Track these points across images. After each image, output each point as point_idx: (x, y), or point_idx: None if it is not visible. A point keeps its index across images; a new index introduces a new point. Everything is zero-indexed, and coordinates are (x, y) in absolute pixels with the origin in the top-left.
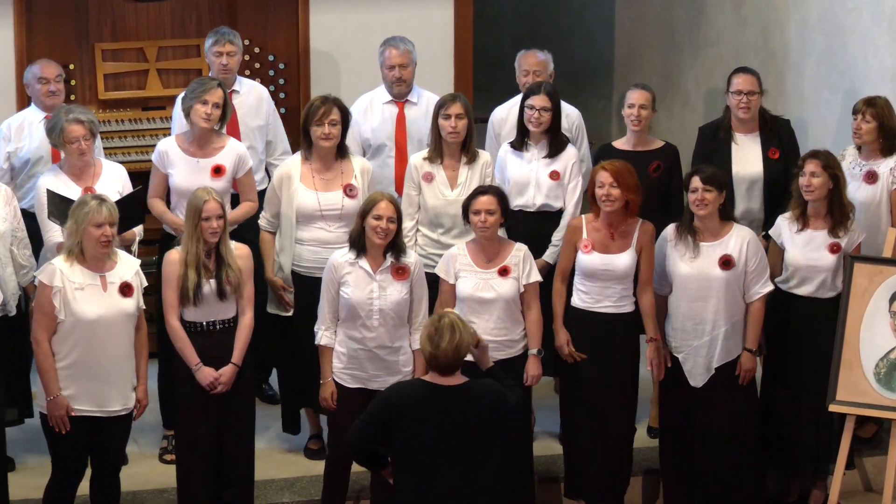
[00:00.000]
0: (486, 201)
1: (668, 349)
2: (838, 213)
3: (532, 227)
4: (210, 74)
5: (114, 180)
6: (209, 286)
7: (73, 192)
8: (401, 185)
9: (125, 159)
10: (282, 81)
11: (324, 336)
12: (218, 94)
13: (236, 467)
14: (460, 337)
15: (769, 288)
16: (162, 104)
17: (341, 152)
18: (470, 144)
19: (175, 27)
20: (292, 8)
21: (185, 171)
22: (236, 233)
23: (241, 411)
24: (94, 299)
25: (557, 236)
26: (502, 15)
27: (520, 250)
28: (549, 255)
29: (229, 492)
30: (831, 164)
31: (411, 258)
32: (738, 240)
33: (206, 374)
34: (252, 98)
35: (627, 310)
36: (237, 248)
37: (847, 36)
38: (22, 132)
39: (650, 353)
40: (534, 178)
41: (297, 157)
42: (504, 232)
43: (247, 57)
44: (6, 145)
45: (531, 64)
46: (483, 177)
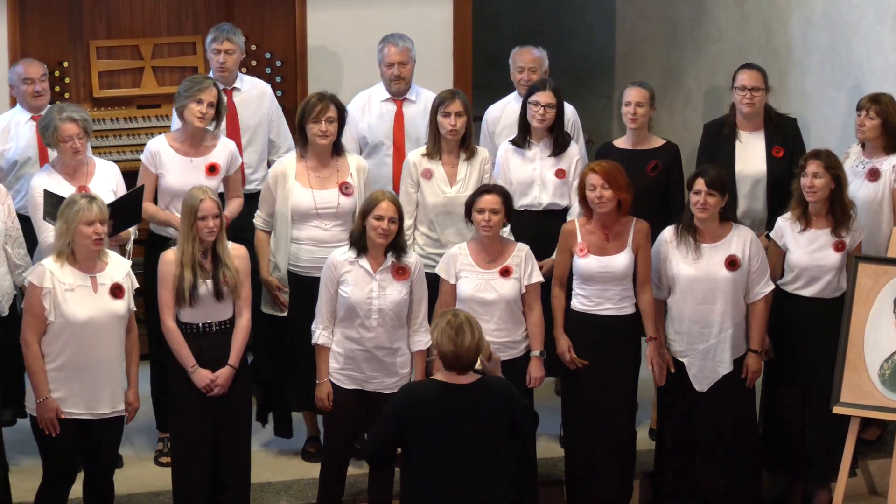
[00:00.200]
0: (490, 200)
1: (669, 353)
2: (840, 212)
3: (538, 227)
4: (211, 72)
5: (107, 179)
6: (205, 287)
7: (67, 192)
8: (398, 183)
9: (120, 158)
10: (279, 79)
11: (321, 335)
12: (213, 93)
13: (232, 470)
14: (480, 333)
15: (770, 287)
16: (157, 102)
17: (337, 150)
18: (469, 141)
19: (171, 24)
20: (289, 5)
21: (178, 171)
22: (234, 233)
23: (237, 414)
24: (84, 301)
25: None
26: (502, 12)
27: (521, 250)
28: None
29: (225, 495)
30: (833, 165)
31: (412, 258)
32: (740, 240)
33: (202, 377)
34: (253, 95)
35: (629, 311)
36: (234, 248)
37: (851, 33)
38: (8, 133)
39: (650, 352)
40: (538, 177)
41: (292, 154)
42: (509, 231)
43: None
44: None
45: (526, 61)
46: (482, 173)
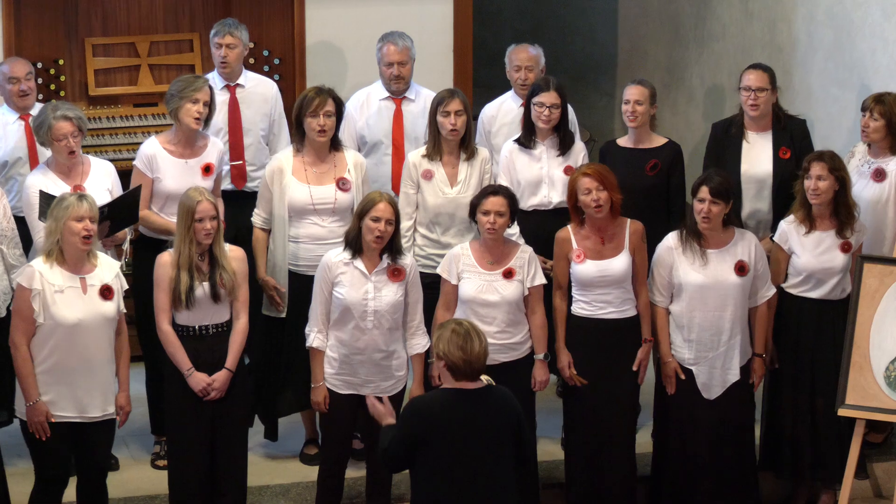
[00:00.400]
0: (496, 202)
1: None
2: (844, 213)
3: (549, 226)
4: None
5: (103, 178)
6: (202, 289)
7: (62, 191)
8: (397, 183)
9: (116, 157)
10: (277, 77)
11: (316, 338)
12: (207, 93)
13: (229, 474)
14: (485, 339)
15: (773, 291)
16: (154, 100)
17: (335, 145)
18: (469, 141)
19: (167, 21)
20: (288, 1)
21: (175, 174)
22: (235, 237)
23: (234, 417)
24: (73, 302)
25: None
26: (503, 9)
27: (525, 252)
28: None
29: (222, 499)
30: (837, 166)
31: (407, 260)
32: (745, 244)
33: (198, 380)
34: (257, 93)
35: (631, 313)
36: (231, 250)
37: (855, 31)
38: None
39: (642, 353)
40: (546, 176)
41: (288, 150)
42: (517, 230)
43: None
44: None
45: (522, 59)
46: (482, 173)
